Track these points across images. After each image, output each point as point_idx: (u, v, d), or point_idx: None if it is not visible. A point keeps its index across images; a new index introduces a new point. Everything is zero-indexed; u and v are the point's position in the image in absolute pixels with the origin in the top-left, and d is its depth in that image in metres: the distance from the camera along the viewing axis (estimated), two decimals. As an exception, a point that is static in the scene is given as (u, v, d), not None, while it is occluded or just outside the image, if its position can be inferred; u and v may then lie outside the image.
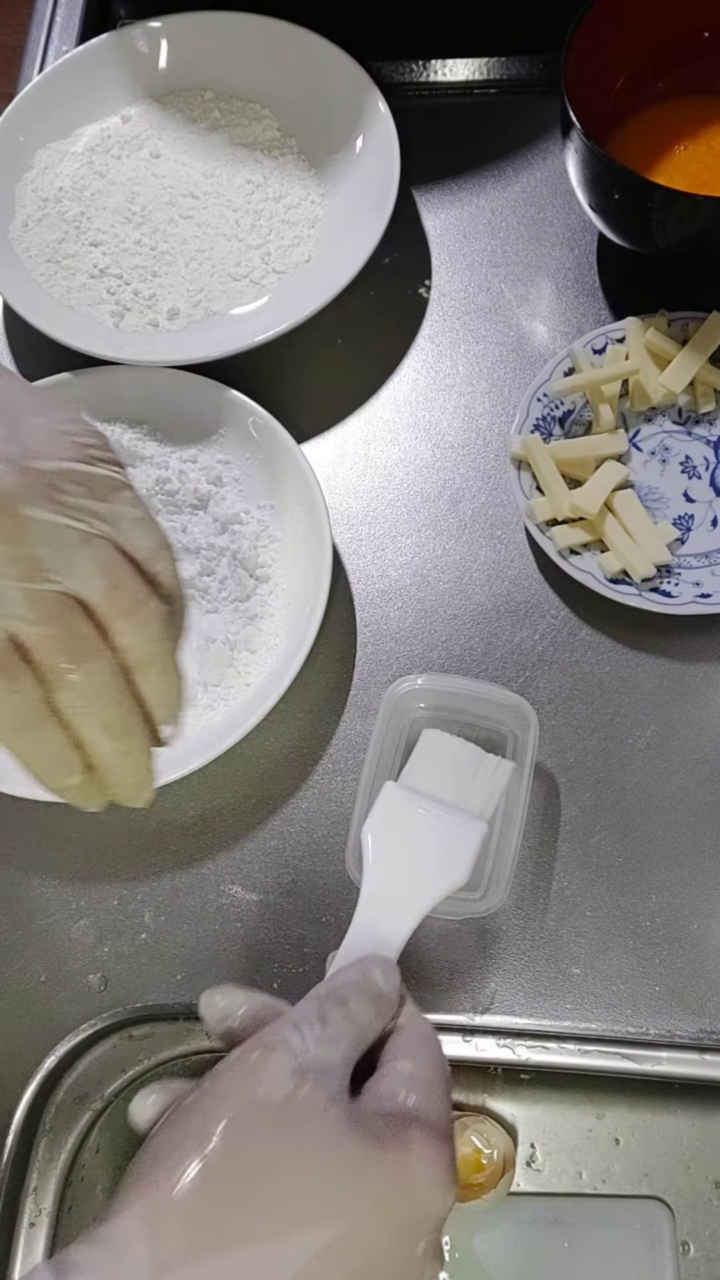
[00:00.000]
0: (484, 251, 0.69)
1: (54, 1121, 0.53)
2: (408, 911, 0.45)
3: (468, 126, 0.73)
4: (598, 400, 0.61)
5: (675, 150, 0.64)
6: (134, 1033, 0.54)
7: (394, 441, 0.65)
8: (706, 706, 0.57)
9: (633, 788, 0.55)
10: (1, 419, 0.38)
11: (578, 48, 0.60)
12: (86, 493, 0.37)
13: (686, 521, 0.59)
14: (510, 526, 0.62)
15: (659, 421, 0.62)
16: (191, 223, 0.68)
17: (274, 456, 0.61)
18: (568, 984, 0.52)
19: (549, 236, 0.69)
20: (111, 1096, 0.54)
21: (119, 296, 0.67)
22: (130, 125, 0.72)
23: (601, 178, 0.59)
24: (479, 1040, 0.52)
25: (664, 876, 0.54)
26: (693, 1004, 0.51)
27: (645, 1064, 0.51)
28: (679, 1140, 0.53)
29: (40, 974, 0.55)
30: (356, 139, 0.69)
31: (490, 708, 0.54)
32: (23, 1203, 0.52)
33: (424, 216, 0.71)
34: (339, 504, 0.63)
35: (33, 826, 0.58)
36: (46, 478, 0.37)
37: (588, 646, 0.59)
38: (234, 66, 0.72)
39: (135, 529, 0.39)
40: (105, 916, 0.56)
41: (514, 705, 0.53)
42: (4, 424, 0.38)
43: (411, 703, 0.55)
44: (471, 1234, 0.52)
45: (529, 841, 0.55)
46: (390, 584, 0.61)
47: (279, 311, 0.65)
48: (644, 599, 0.57)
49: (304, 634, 0.56)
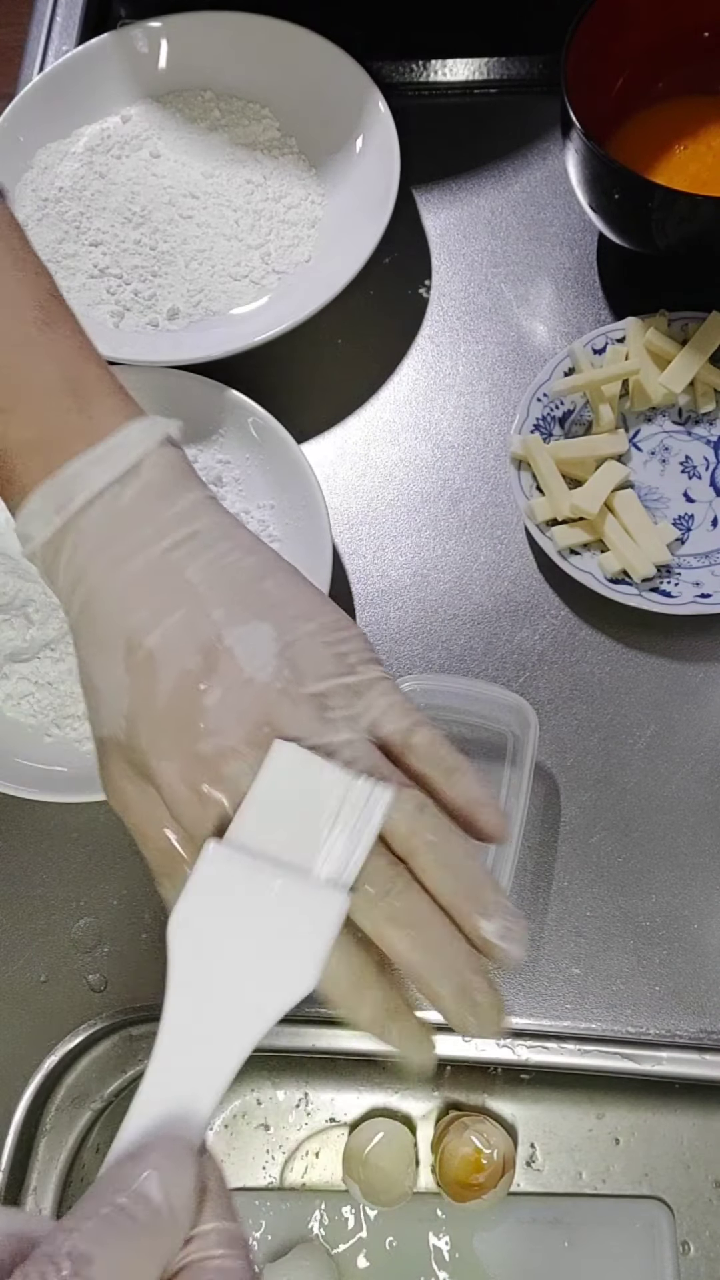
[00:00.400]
0: (484, 251, 0.69)
1: (54, 1121, 0.53)
2: (221, 1059, 0.33)
3: (468, 126, 0.73)
4: (598, 400, 0.61)
5: (675, 150, 0.64)
6: (134, 1033, 0.54)
7: (394, 441, 0.65)
8: (706, 706, 0.57)
9: (633, 788, 0.55)
10: (277, 628, 0.38)
11: (578, 48, 0.60)
12: (348, 701, 0.38)
13: (686, 521, 0.59)
14: (510, 526, 0.62)
15: (659, 421, 0.62)
16: (191, 223, 0.68)
17: (274, 456, 0.61)
18: (567, 984, 0.52)
19: (549, 236, 0.69)
20: (111, 1096, 0.54)
21: (119, 296, 0.67)
22: (130, 125, 0.72)
23: (601, 178, 0.59)
24: (479, 1040, 0.52)
25: (664, 876, 0.54)
26: (693, 1004, 0.51)
27: (645, 1064, 0.51)
28: (679, 1140, 0.53)
29: (40, 974, 0.55)
30: (356, 139, 0.69)
31: (490, 708, 0.54)
32: (23, 1203, 0.52)
33: (424, 216, 0.71)
34: (339, 504, 0.63)
35: (33, 826, 0.58)
36: (315, 699, 0.37)
37: (588, 646, 0.59)
38: (234, 66, 0.72)
39: (390, 715, 0.38)
40: (105, 916, 0.56)
41: (514, 705, 0.53)
42: (278, 637, 0.38)
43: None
44: (471, 1234, 0.52)
45: (529, 842, 0.55)
46: (390, 584, 0.61)
47: (279, 311, 0.65)
48: (644, 599, 0.57)
49: (304, 634, 0.56)
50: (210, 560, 0.39)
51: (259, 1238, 0.52)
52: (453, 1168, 0.51)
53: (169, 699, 0.38)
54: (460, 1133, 0.52)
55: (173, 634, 0.38)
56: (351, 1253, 0.52)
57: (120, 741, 0.39)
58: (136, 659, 0.38)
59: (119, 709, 0.39)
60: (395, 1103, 0.55)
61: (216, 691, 0.37)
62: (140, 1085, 0.32)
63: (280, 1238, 0.52)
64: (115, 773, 0.40)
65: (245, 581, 0.39)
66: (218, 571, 0.39)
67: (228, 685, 0.37)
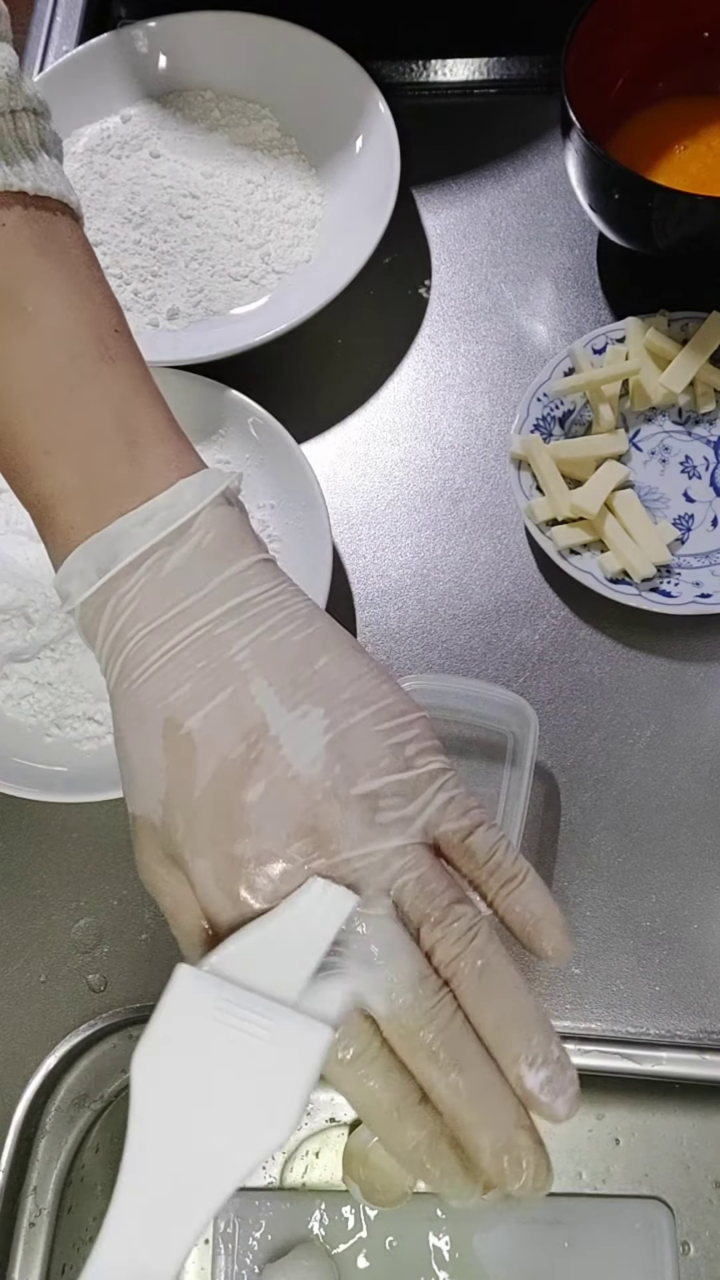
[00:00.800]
0: (484, 251, 0.69)
1: (54, 1121, 0.53)
2: (182, 1225, 0.30)
3: (468, 126, 0.73)
4: (598, 400, 0.61)
5: (675, 150, 0.64)
6: (134, 1033, 0.54)
7: (394, 441, 0.65)
8: (706, 706, 0.57)
9: (633, 788, 0.55)
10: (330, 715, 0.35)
11: (578, 48, 0.60)
12: (402, 801, 0.35)
13: (686, 521, 0.59)
14: (510, 526, 0.62)
15: (659, 421, 0.62)
16: (191, 223, 0.68)
17: (274, 456, 0.61)
18: (568, 984, 0.52)
19: (549, 236, 0.69)
20: (111, 1096, 0.54)
21: (119, 296, 0.67)
22: (130, 125, 0.72)
23: (601, 178, 0.59)
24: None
25: (664, 876, 0.54)
26: (693, 1004, 0.51)
27: (645, 1064, 0.51)
28: (679, 1140, 0.53)
29: (40, 974, 0.55)
30: (356, 139, 0.69)
31: (490, 707, 0.54)
32: (23, 1203, 0.52)
33: (424, 216, 0.71)
34: (339, 504, 0.63)
35: (33, 826, 0.58)
36: (366, 800, 0.35)
37: (588, 646, 0.59)
38: (234, 66, 0.72)
39: (449, 814, 0.36)
40: (105, 916, 0.56)
41: (513, 705, 0.53)
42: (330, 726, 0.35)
43: None
44: (471, 1234, 0.52)
45: (529, 842, 0.55)
46: (390, 584, 0.61)
47: (279, 311, 0.65)
48: (644, 599, 0.57)
49: (304, 634, 0.56)
50: (260, 635, 0.37)
51: (259, 1238, 0.52)
52: (453, 1168, 0.51)
53: (207, 790, 0.35)
54: (460, 1133, 0.52)
55: (216, 717, 0.36)
56: (351, 1253, 0.52)
57: (155, 825, 0.37)
58: (175, 740, 0.36)
59: (155, 792, 0.36)
60: (395, 1103, 0.55)
61: (259, 786, 0.35)
62: (93, 1250, 0.30)
63: (280, 1238, 0.52)
64: (148, 855, 0.37)
65: (297, 658, 0.37)
66: (268, 648, 0.36)
67: (272, 780, 0.35)
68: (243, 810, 0.35)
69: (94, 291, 0.41)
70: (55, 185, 0.41)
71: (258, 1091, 0.31)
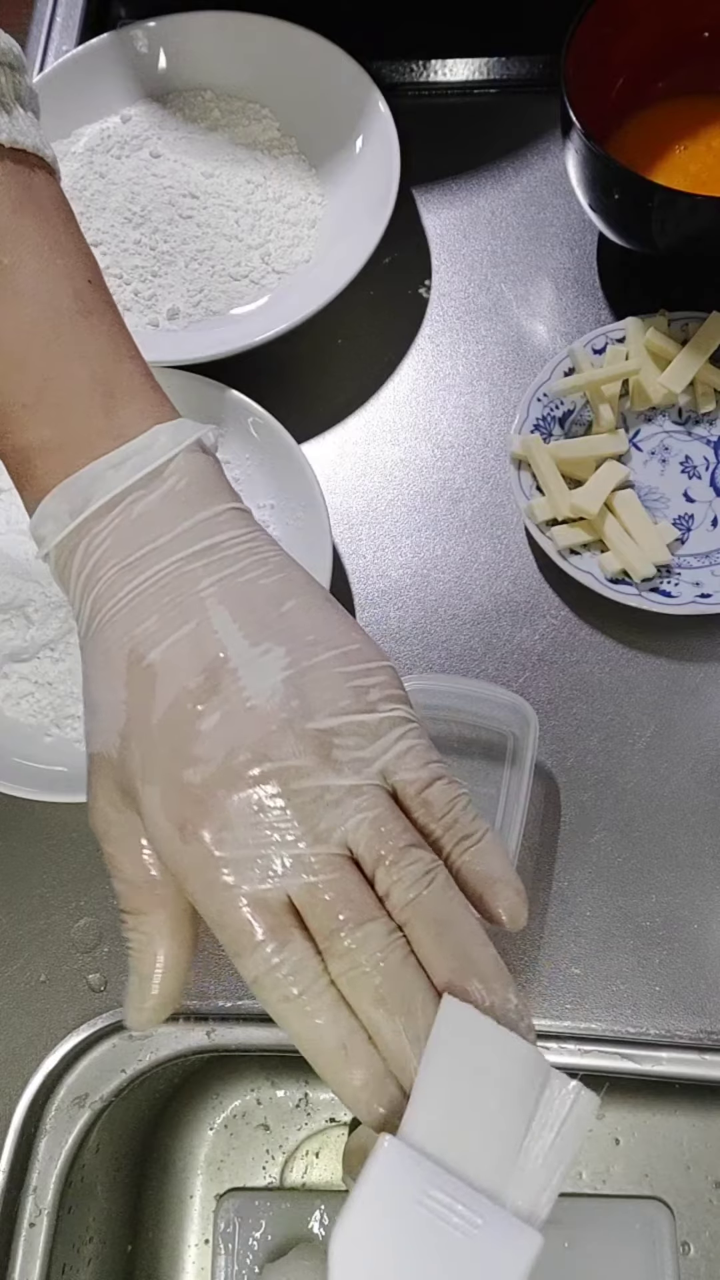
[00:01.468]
0: (484, 251, 0.69)
1: (54, 1121, 0.53)
2: None
3: (468, 126, 0.73)
4: (598, 400, 0.61)
5: (675, 150, 0.64)
6: (134, 1033, 0.54)
7: (394, 441, 0.65)
8: (706, 706, 0.57)
9: (633, 788, 0.55)
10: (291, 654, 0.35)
11: (578, 48, 0.60)
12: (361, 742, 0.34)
13: (686, 521, 0.59)
14: (510, 526, 0.62)
15: (659, 421, 0.62)
16: (191, 223, 0.68)
17: (274, 456, 0.61)
18: (567, 984, 0.52)
19: (549, 236, 0.69)
20: (111, 1096, 0.54)
21: (119, 296, 0.67)
22: (130, 125, 0.72)
23: (601, 178, 0.59)
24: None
25: (664, 876, 0.54)
26: (693, 1004, 0.51)
27: (645, 1064, 0.51)
28: (679, 1140, 0.53)
29: (40, 974, 0.55)
30: (356, 139, 0.69)
31: (489, 707, 0.54)
32: (23, 1203, 0.52)
33: (424, 216, 0.71)
34: (339, 504, 0.63)
35: (33, 826, 0.58)
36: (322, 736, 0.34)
37: (588, 646, 0.59)
38: (234, 66, 0.72)
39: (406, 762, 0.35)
40: (105, 916, 0.56)
41: (513, 705, 0.53)
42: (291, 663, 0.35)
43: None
44: (471, 1234, 0.52)
45: (529, 842, 0.55)
46: (390, 584, 0.61)
47: (279, 311, 0.65)
48: (644, 599, 0.57)
49: (304, 634, 0.56)
50: (229, 575, 0.37)
51: (259, 1238, 0.52)
52: (453, 1168, 0.51)
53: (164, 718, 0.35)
54: (460, 1133, 0.52)
55: (177, 649, 0.36)
56: (351, 1253, 0.52)
57: (111, 760, 0.36)
58: (138, 672, 0.36)
59: (115, 725, 0.36)
60: (395, 1103, 0.55)
61: (214, 716, 0.34)
62: None
63: (280, 1238, 0.52)
64: (100, 794, 0.37)
65: (264, 600, 0.36)
66: (236, 588, 0.36)
67: (227, 711, 0.34)
68: (196, 738, 0.34)
69: (70, 245, 0.41)
70: (30, 138, 0.41)
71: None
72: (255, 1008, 0.53)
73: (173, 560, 0.37)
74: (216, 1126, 0.58)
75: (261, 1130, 0.56)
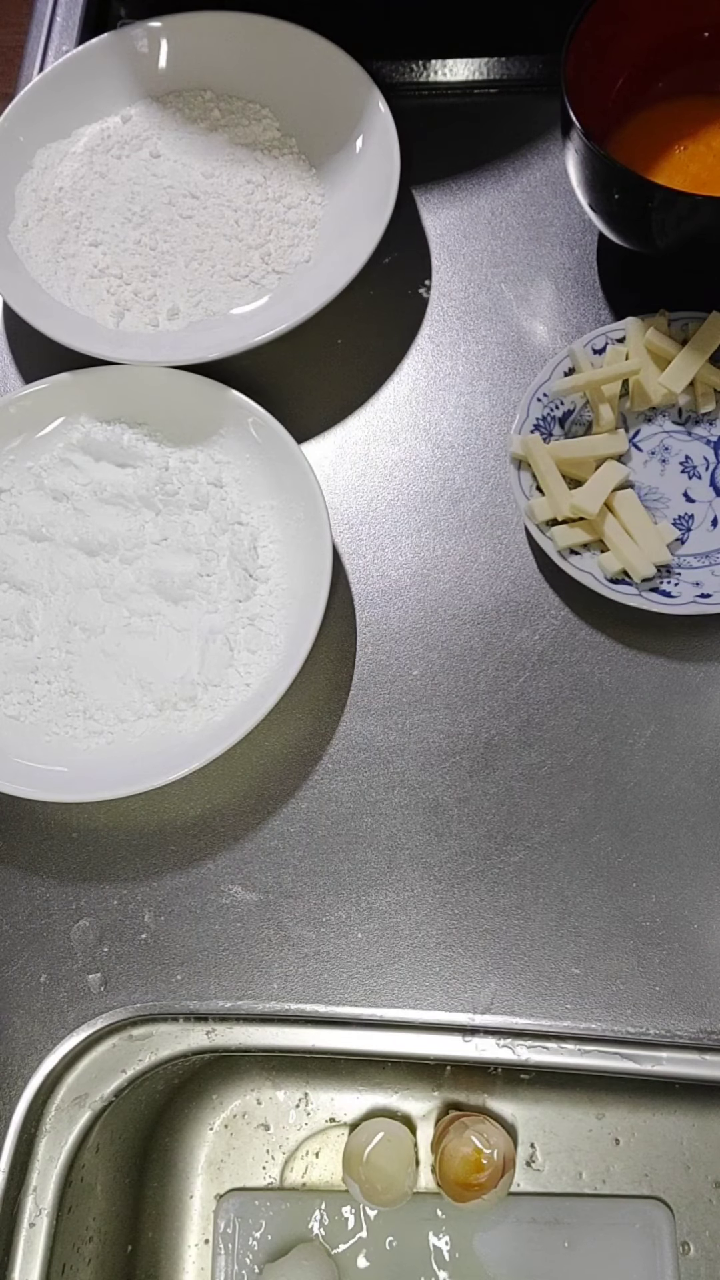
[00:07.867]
0: (484, 251, 0.69)
1: (54, 1121, 0.53)
2: None
3: (468, 126, 0.73)
4: (598, 400, 0.61)
5: (675, 150, 0.64)
6: (134, 1033, 0.54)
7: (394, 441, 0.65)
8: (706, 706, 0.57)
9: (633, 788, 0.56)
10: None
11: (578, 48, 0.60)
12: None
13: (686, 521, 0.59)
14: (510, 526, 0.62)
15: (659, 421, 0.62)
16: (191, 223, 0.68)
17: (274, 456, 0.61)
18: (567, 984, 0.52)
19: (549, 236, 0.69)
20: (111, 1096, 0.54)
21: (119, 296, 0.67)
22: (130, 125, 0.72)
23: (601, 178, 0.59)
24: (479, 1040, 0.52)
25: (664, 876, 0.54)
26: (693, 1004, 0.51)
27: (645, 1064, 0.51)
28: (679, 1140, 0.53)
29: (40, 974, 0.55)
30: (356, 139, 0.69)
31: None
32: (23, 1203, 0.52)
33: (424, 216, 0.71)
34: (339, 504, 0.63)
35: (33, 826, 0.58)
36: None
37: (588, 646, 0.59)
38: (234, 66, 0.72)
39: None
40: (105, 916, 0.56)
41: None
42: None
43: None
44: (471, 1234, 0.52)
45: (529, 841, 0.55)
46: (390, 584, 0.61)
47: (279, 311, 0.65)
48: (644, 599, 0.57)
49: (304, 634, 0.56)
50: None
51: (259, 1238, 0.52)
52: (453, 1168, 0.51)
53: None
54: (460, 1133, 0.52)
55: None
56: (351, 1253, 0.52)
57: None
58: None
59: None
60: (395, 1103, 0.55)
61: None
62: None
63: (280, 1238, 0.52)
64: None
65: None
66: None
67: None
68: None
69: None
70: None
71: None
72: (255, 1008, 0.53)
73: None
74: (216, 1127, 0.58)
75: (261, 1130, 0.56)
